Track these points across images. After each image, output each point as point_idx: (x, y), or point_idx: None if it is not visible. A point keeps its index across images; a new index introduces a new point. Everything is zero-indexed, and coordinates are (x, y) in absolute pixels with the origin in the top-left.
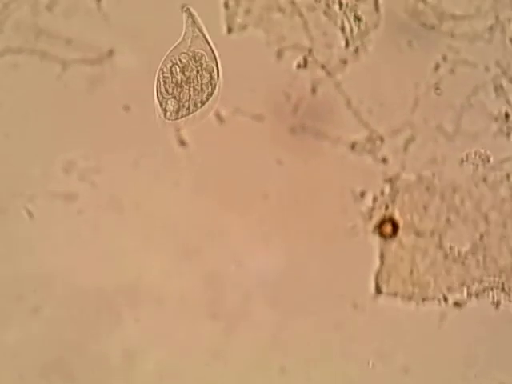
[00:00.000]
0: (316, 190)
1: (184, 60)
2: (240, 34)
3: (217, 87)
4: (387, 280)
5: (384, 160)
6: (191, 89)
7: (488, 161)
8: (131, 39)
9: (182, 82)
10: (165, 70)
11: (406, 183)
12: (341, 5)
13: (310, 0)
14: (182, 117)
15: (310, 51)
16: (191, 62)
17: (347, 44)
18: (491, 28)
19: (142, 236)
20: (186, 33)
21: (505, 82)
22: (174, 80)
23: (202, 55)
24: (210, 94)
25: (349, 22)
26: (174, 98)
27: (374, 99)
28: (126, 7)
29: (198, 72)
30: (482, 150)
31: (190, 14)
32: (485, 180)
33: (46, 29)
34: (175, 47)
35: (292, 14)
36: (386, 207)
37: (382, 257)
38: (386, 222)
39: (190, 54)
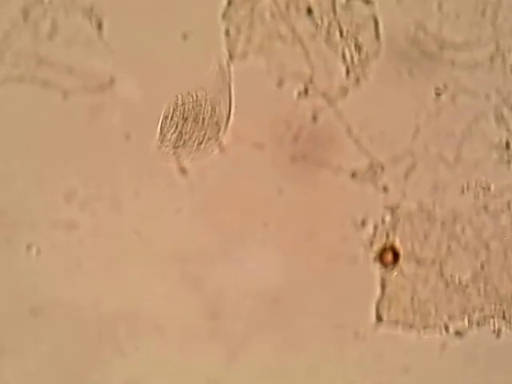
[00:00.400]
0: (316, 217)
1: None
2: (241, 62)
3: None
4: (388, 308)
5: (385, 188)
6: (195, 123)
7: (489, 189)
8: (132, 67)
9: (187, 117)
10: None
11: (406, 211)
12: (341, 33)
13: (311, 28)
14: (182, 146)
15: (311, 79)
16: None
17: (348, 72)
18: (492, 56)
19: (143, 264)
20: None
21: (505, 111)
22: (179, 114)
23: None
24: (216, 131)
25: (349, 50)
26: (177, 130)
27: (375, 127)
28: (127, 35)
29: (203, 108)
30: (483, 179)
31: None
32: (486, 208)
33: (46, 57)
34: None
35: (293, 42)
36: (387, 235)
37: (382, 285)
38: (387, 250)
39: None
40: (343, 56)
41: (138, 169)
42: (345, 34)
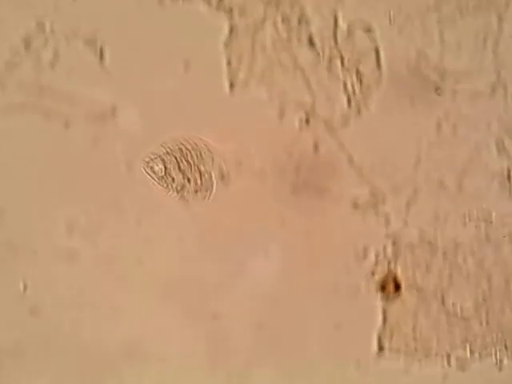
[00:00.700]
0: (318, 247)
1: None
2: (242, 91)
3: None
4: (390, 338)
5: (386, 217)
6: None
7: (490, 219)
8: (134, 96)
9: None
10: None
11: (408, 241)
12: (343, 63)
13: (313, 57)
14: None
15: (313, 108)
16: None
17: (349, 101)
18: (493, 86)
19: (144, 294)
20: None
21: (507, 140)
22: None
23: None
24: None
25: (351, 79)
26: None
27: (377, 156)
28: (129, 64)
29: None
30: (485, 208)
31: None
32: (487, 238)
33: (48, 86)
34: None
35: (294, 72)
36: (389, 264)
37: (384, 314)
38: (389, 280)
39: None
40: (344, 85)
41: (140, 198)
42: (346, 63)
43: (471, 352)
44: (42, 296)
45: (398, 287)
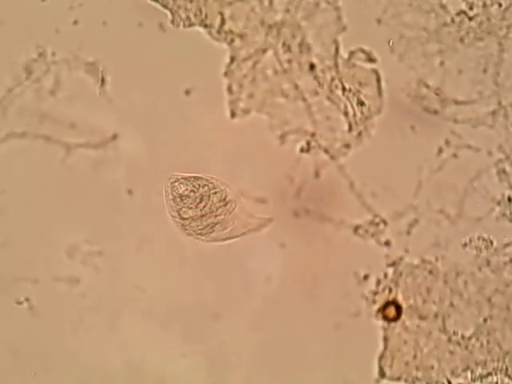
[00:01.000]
0: (319, 273)
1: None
2: (243, 118)
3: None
4: (391, 363)
5: (387, 243)
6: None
7: (491, 245)
8: (135, 123)
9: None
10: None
11: (409, 266)
12: (344, 90)
13: (314, 85)
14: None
15: (313, 135)
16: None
17: (350, 128)
18: (494, 113)
19: (145, 318)
20: None
21: (507, 167)
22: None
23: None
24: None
25: (352, 106)
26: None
27: (377, 183)
28: (130, 91)
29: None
30: (485, 235)
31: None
32: (488, 264)
33: (49, 113)
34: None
35: (295, 99)
36: (390, 290)
37: (385, 340)
38: (390, 305)
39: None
40: (345, 112)
41: (141, 224)
42: (347, 90)
43: (472, 379)
44: (42, 320)
45: (398, 312)
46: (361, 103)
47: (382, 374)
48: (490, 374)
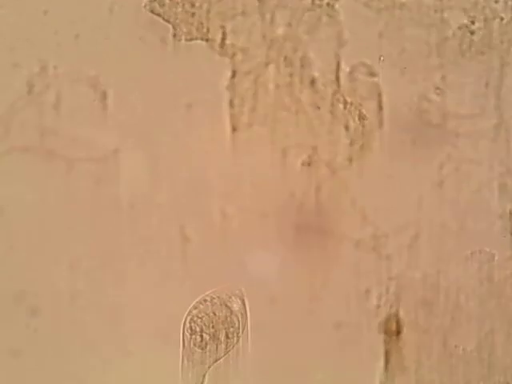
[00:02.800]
0: (320, 287)
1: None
2: (244, 134)
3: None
4: (392, 379)
5: (389, 258)
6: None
7: (493, 259)
8: (137, 137)
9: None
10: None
11: (410, 281)
12: (345, 104)
13: (315, 99)
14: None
15: (315, 149)
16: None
17: (352, 142)
18: (495, 127)
19: (147, 333)
20: None
21: (509, 181)
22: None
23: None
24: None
25: (353, 120)
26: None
27: (379, 197)
28: (132, 106)
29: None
30: (487, 249)
31: None
32: (490, 278)
33: (51, 128)
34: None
35: (297, 113)
36: (391, 305)
37: (386, 355)
38: (391, 320)
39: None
40: (347, 127)
41: (142, 238)
42: (349, 104)
43: None
44: (43, 335)
45: (400, 327)
46: (362, 117)
47: None
48: None
